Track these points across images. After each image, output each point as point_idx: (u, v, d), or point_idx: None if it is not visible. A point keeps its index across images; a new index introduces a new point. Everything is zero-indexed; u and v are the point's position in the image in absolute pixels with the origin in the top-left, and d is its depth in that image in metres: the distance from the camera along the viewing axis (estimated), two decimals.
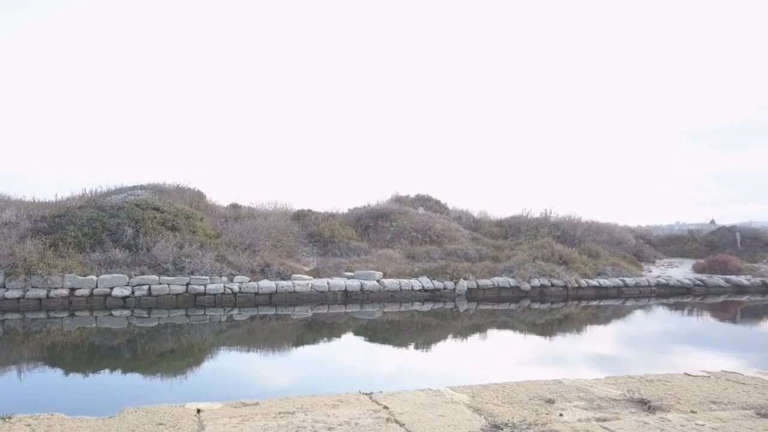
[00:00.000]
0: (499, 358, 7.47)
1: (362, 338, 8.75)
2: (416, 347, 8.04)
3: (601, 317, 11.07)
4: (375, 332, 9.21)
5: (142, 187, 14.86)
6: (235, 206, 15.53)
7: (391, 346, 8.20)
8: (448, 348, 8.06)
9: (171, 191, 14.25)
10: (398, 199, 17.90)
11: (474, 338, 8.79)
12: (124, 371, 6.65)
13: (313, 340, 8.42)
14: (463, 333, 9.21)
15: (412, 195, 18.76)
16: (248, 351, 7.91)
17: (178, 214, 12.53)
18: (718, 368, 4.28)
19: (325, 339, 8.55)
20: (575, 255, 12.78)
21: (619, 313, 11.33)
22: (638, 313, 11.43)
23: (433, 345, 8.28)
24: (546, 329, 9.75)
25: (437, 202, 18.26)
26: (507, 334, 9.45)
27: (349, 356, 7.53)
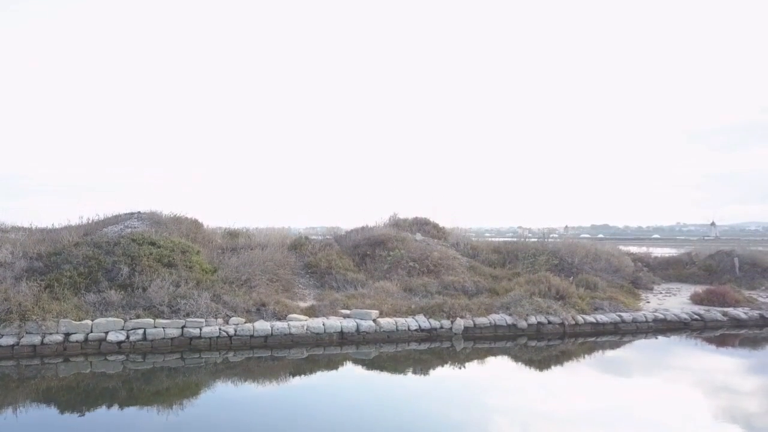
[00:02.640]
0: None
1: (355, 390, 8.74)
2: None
3: (605, 360, 11.04)
4: (369, 383, 9.19)
5: (139, 216, 14.84)
6: (232, 234, 15.51)
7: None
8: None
9: (168, 222, 14.23)
10: (396, 224, 17.89)
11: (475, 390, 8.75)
12: (117, 415, 6.92)
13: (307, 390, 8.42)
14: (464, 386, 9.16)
15: (410, 218, 18.75)
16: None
17: (175, 248, 12.50)
18: None
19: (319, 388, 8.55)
20: (572, 290, 12.75)
21: (628, 358, 11.31)
22: (638, 354, 11.40)
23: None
24: (547, 370, 9.75)
25: (435, 226, 18.24)
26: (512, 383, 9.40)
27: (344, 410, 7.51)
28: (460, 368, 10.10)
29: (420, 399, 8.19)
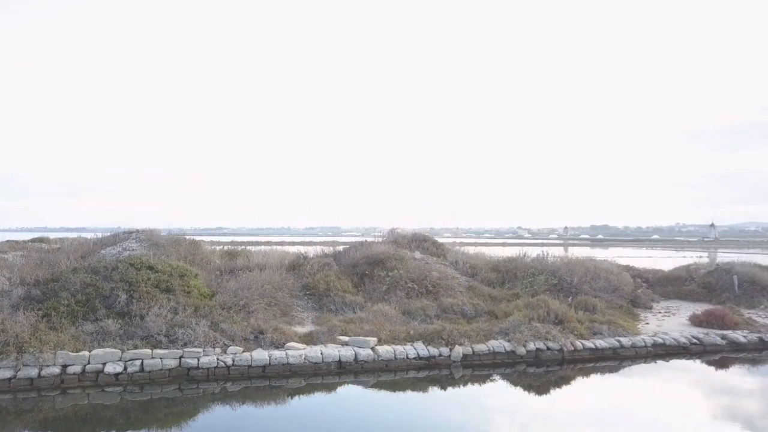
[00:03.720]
0: None
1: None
2: None
3: (603, 387, 11.04)
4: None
5: (137, 237, 14.81)
6: (231, 254, 15.49)
7: None
8: None
9: (166, 244, 14.21)
10: (395, 240, 17.88)
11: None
12: None
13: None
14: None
15: (409, 233, 18.72)
16: None
17: (173, 273, 12.48)
18: None
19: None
20: (571, 314, 12.74)
21: (626, 384, 11.31)
22: (636, 381, 11.40)
23: None
24: (545, 395, 9.77)
25: (434, 243, 18.23)
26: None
27: None
28: (458, 396, 10.13)
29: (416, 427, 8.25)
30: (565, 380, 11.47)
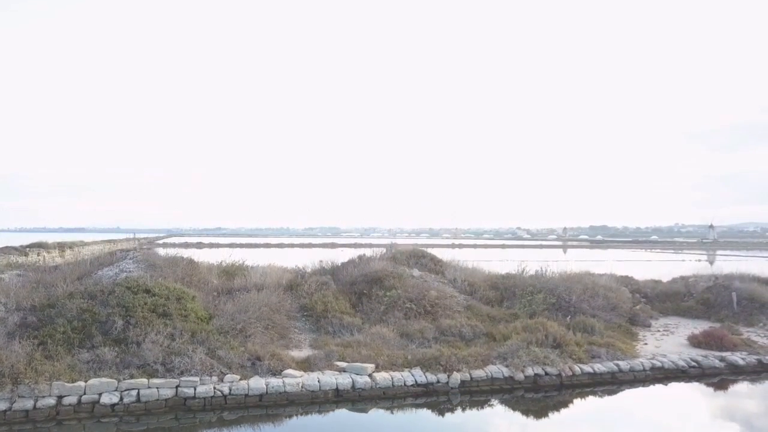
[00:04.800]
0: None
1: None
2: None
3: (601, 413, 11.01)
4: None
5: (134, 257, 14.74)
6: (228, 273, 15.45)
7: None
8: None
9: (163, 265, 14.15)
10: (393, 257, 17.83)
11: None
12: None
13: None
14: None
15: (408, 249, 18.68)
16: None
17: (170, 296, 12.43)
18: None
19: None
20: (569, 337, 12.70)
21: (624, 410, 11.27)
22: (635, 407, 11.37)
23: None
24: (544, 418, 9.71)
25: (432, 259, 18.20)
26: None
27: None
28: (456, 424, 10.09)
29: None
30: (563, 405, 11.44)
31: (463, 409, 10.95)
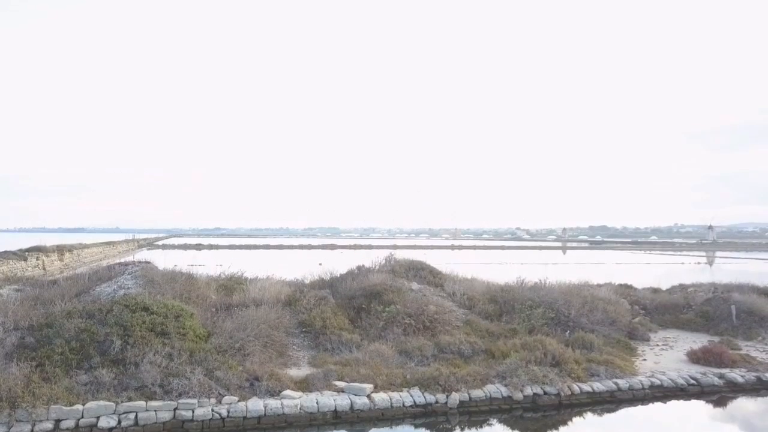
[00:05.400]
0: None
1: None
2: None
3: None
4: None
5: (132, 272, 14.72)
6: (227, 288, 15.44)
7: None
8: None
9: (161, 281, 14.12)
10: (392, 269, 17.82)
11: None
12: None
13: None
14: None
15: (406, 261, 18.69)
16: None
17: (168, 314, 12.41)
18: None
19: None
20: (568, 355, 12.69)
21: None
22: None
23: None
24: None
25: (431, 271, 18.20)
26: None
27: None
28: None
29: None
30: (562, 425, 11.43)
31: (462, 430, 10.94)
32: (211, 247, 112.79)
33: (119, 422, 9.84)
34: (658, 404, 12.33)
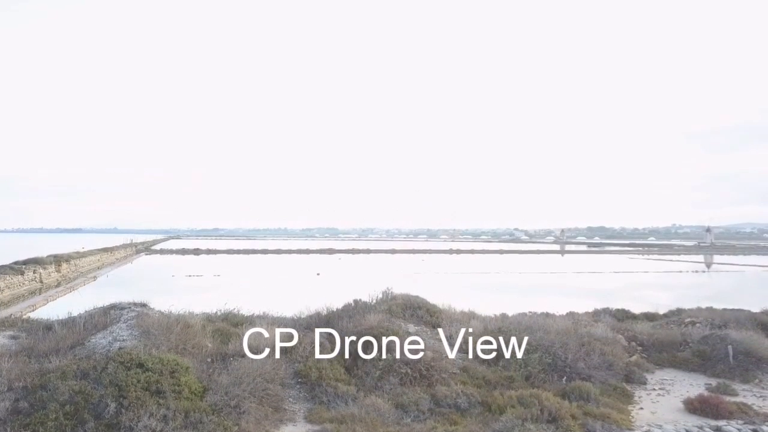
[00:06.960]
0: None
1: None
2: None
3: None
4: None
5: (127, 320, 14.68)
6: (223, 334, 15.44)
7: None
8: None
9: (157, 332, 14.09)
10: (389, 309, 17.80)
11: None
12: None
13: None
14: None
15: (402, 298, 18.67)
16: None
17: (163, 370, 12.37)
18: None
19: None
20: (564, 410, 12.67)
21: None
22: None
23: None
24: None
25: (428, 310, 18.18)
26: None
27: None
28: None
29: None
30: None
31: None
32: (209, 251, 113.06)
33: None
34: None
